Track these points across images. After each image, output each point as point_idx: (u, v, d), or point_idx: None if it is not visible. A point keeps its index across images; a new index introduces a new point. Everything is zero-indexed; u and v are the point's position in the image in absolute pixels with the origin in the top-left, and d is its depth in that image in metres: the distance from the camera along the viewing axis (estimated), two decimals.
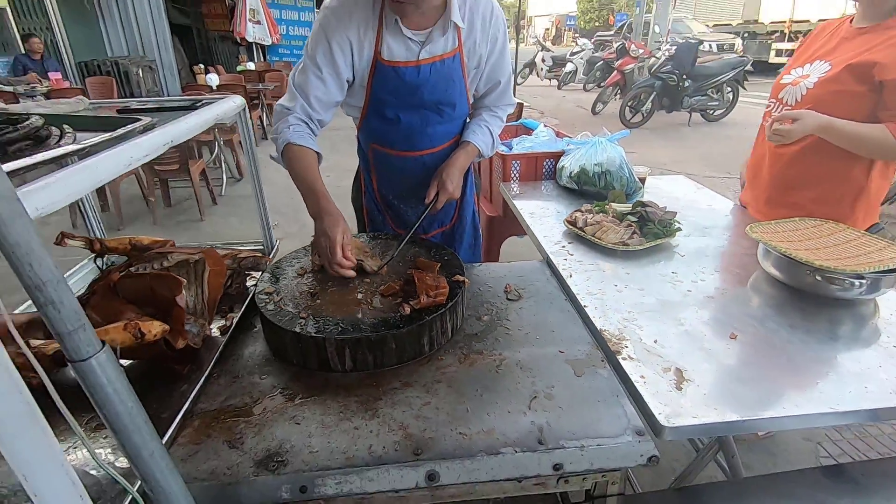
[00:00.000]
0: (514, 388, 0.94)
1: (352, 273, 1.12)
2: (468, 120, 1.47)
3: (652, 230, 1.45)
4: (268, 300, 1.08)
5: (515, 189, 2.04)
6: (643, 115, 7.92)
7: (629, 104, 7.92)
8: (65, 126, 0.79)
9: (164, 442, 0.67)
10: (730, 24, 16.69)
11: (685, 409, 0.85)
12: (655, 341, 1.03)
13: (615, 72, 9.18)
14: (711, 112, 8.18)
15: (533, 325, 1.13)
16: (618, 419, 0.86)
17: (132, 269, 0.99)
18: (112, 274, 0.96)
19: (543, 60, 13.49)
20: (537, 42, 16.15)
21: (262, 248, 1.47)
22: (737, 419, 0.84)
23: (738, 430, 0.89)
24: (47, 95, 6.00)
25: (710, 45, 12.65)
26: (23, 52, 7.01)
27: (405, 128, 1.33)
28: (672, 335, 1.05)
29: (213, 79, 6.80)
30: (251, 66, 9.40)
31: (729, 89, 8.01)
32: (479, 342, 1.08)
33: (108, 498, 0.71)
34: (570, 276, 1.31)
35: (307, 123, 1.24)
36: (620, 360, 0.98)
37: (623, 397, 0.91)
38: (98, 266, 1.35)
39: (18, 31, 7.56)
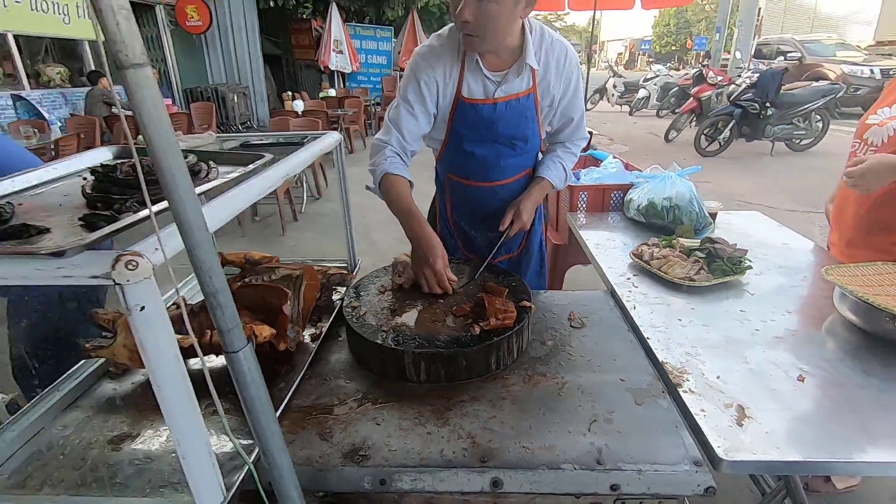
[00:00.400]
0: (574, 410, 1.00)
1: (448, 291, 1.26)
2: (542, 153, 1.58)
3: (720, 267, 1.45)
4: (353, 313, 1.21)
5: (582, 219, 2.09)
6: (720, 143, 7.62)
7: (705, 132, 7.66)
8: (210, 162, 0.98)
9: None
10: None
11: (745, 444, 0.88)
12: (718, 377, 1.06)
13: (691, 98, 8.93)
14: (798, 141, 7.72)
15: (595, 352, 1.19)
16: (676, 448, 0.90)
17: (246, 279, 1.17)
18: (231, 284, 1.14)
19: (615, 86, 13.34)
20: (609, 67, 15.99)
21: (346, 265, 1.63)
22: (800, 459, 0.85)
23: (800, 471, 0.89)
24: None
25: (870, 71, 10.90)
26: None
27: (480, 160, 1.46)
28: (736, 372, 1.07)
29: (299, 105, 7.39)
30: (332, 92, 10.08)
31: (818, 118, 7.53)
32: (543, 365, 1.15)
33: (226, 469, 0.85)
34: (634, 307, 1.35)
35: (401, 156, 1.39)
36: (681, 393, 1.01)
37: (682, 429, 0.94)
38: None
39: None
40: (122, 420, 1.02)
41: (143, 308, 0.61)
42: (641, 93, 12.37)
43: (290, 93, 8.69)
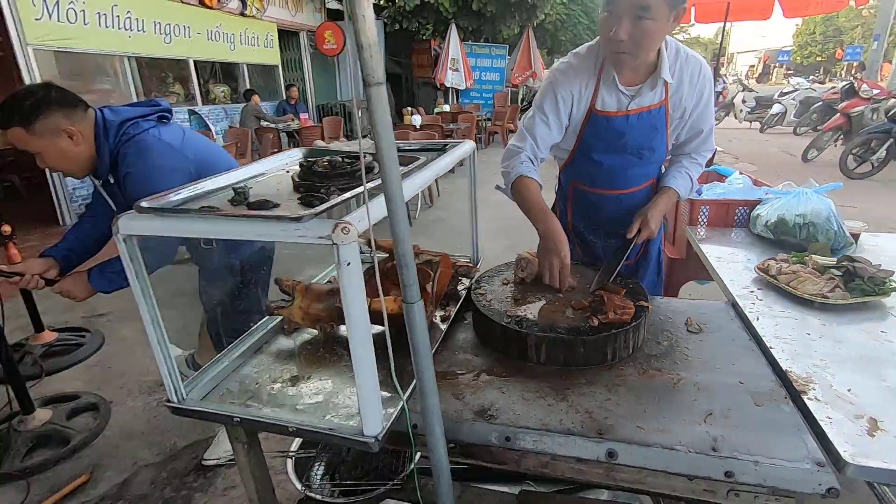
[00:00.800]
0: (690, 404, 1.05)
1: (564, 288, 1.37)
2: (667, 164, 1.63)
3: (860, 286, 1.39)
4: (481, 298, 1.37)
5: (702, 233, 2.06)
6: (873, 164, 6.74)
7: (855, 151, 6.83)
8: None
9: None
10: None
11: (875, 451, 0.88)
12: (849, 390, 1.04)
13: (838, 114, 8.00)
14: None
15: (712, 355, 1.22)
16: (796, 448, 0.92)
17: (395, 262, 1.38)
18: (383, 264, 1.36)
19: (744, 101, 12.34)
20: (737, 81, 14.80)
21: (470, 260, 1.81)
22: None
23: None
24: (298, 132, 7.65)
25: None
26: (284, 98, 9.04)
27: (607, 169, 1.55)
28: (871, 388, 1.05)
29: (417, 119, 7.91)
30: (446, 108, 10.60)
31: None
32: (658, 361, 1.21)
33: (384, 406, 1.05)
34: (758, 318, 1.34)
35: (532, 161, 1.54)
36: (806, 400, 1.02)
37: (805, 433, 0.95)
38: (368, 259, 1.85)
39: (283, 83, 9.79)
40: (294, 366, 1.27)
41: (349, 263, 0.82)
42: (776, 108, 11.31)
43: (409, 108, 9.30)
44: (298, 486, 1.50)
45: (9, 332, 2.28)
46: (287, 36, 10.28)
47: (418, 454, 1.57)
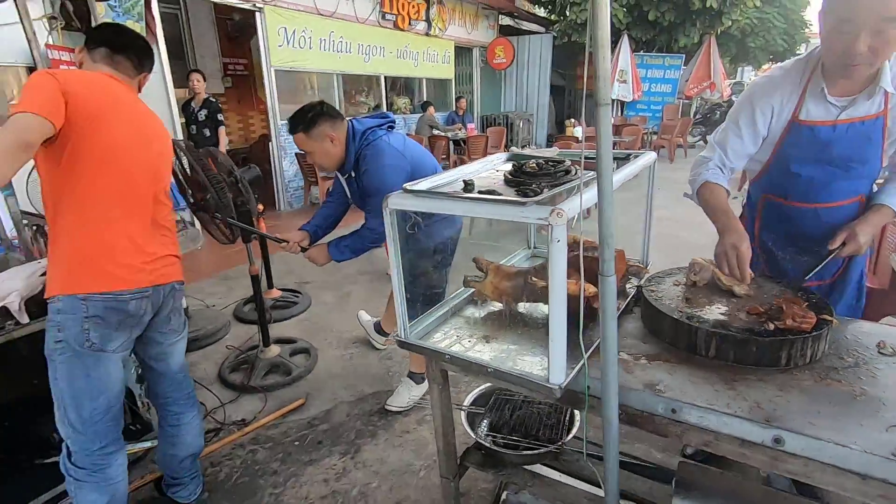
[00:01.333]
0: (872, 414, 1.06)
1: (746, 281, 1.41)
2: (880, 182, 1.55)
3: None
4: (653, 293, 1.51)
5: None
6: None
7: None
8: (575, 166, 1.42)
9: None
10: None
11: None
12: None
13: None
14: None
15: None
16: None
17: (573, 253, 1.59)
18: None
19: None
20: None
21: (640, 261, 1.93)
22: None
23: None
24: (464, 140, 8.26)
25: None
26: (454, 109, 9.80)
27: (806, 181, 1.53)
28: None
29: (579, 131, 7.96)
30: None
31: None
32: (839, 374, 1.22)
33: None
34: None
35: (721, 169, 1.61)
36: None
37: None
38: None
39: (454, 95, 10.61)
40: (484, 329, 1.56)
41: (559, 241, 1.06)
42: None
43: (571, 120, 9.36)
44: (471, 433, 1.79)
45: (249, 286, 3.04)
46: (461, 52, 11.12)
47: (576, 426, 1.76)
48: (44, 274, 1.88)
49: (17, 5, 2.45)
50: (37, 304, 1.77)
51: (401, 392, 2.53)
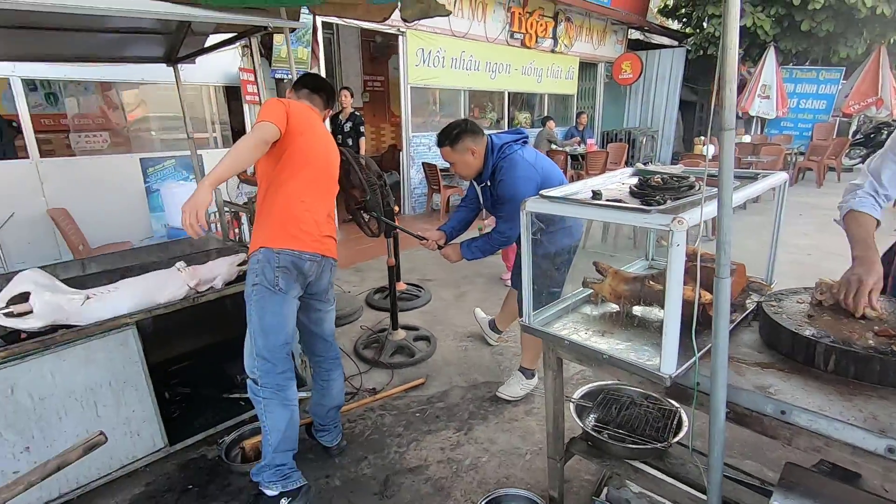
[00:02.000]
0: None
1: (857, 314, 1.43)
2: None
3: None
4: (773, 307, 1.56)
5: None
6: None
7: None
8: (699, 181, 1.55)
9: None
10: None
11: None
12: None
13: None
14: None
15: None
16: None
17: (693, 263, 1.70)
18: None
19: None
20: None
21: (763, 280, 1.95)
22: None
23: None
24: (583, 156, 8.27)
25: None
26: (574, 124, 9.82)
27: None
28: None
29: (710, 150, 7.52)
30: (746, 138, 9.63)
31: None
32: None
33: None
34: None
35: (873, 196, 1.59)
36: None
37: None
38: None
39: (576, 110, 10.61)
40: (600, 326, 1.73)
41: (678, 245, 1.22)
42: None
43: (701, 137, 8.87)
44: (579, 423, 1.96)
45: (382, 278, 3.47)
46: (585, 67, 11.10)
47: (683, 432, 1.84)
48: (241, 264, 2.45)
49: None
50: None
51: (511, 383, 2.75)
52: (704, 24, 10.77)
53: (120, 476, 2.11)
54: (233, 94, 5.77)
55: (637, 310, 1.79)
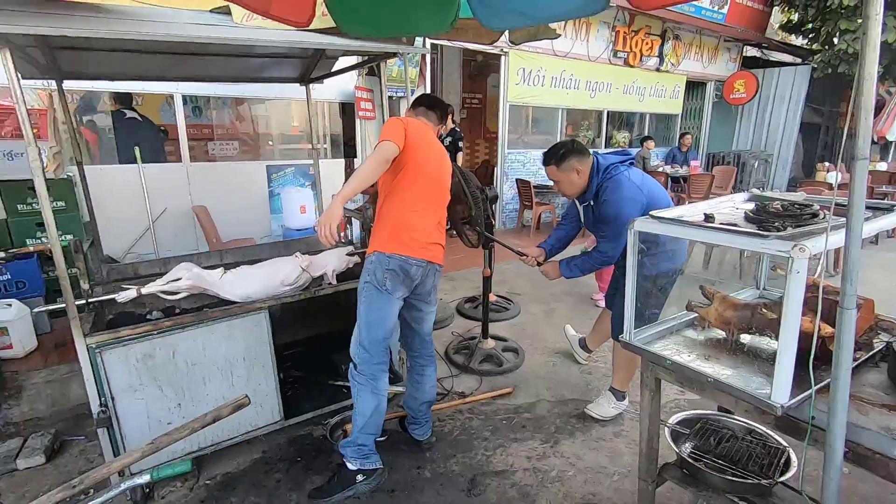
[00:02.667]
0: None
1: None
2: None
3: None
4: None
5: None
6: None
7: None
8: (825, 210, 1.50)
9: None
10: None
11: None
12: None
13: None
14: None
15: None
16: None
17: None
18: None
19: None
20: None
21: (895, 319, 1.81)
22: None
23: None
24: (685, 178, 7.89)
25: None
26: (677, 144, 9.37)
27: None
28: None
29: (834, 177, 6.84)
30: (882, 166, 8.61)
31: None
32: None
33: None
34: None
35: None
36: None
37: None
38: None
39: (679, 130, 10.15)
40: (704, 350, 1.71)
41: (798, 272, 1.21)
42: None
43: (825, 164, 8.08)
44: (675, 448, 1.93)
45: (473, 289, 3.57)
46: (692, 86, 10.58)
47: (791, 472, 1.75)
48: (350, 254, 2.71)
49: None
50: (342, 277, 2.59)
51: (601, 403, 2.73)
52: (835, 40, 9.82)
53: (243, 441, 2.42)
54: (346, 110, 6.31)
55: (745, 338, 1.74)
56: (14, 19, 1.67)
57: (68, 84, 3.07)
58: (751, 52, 11.15)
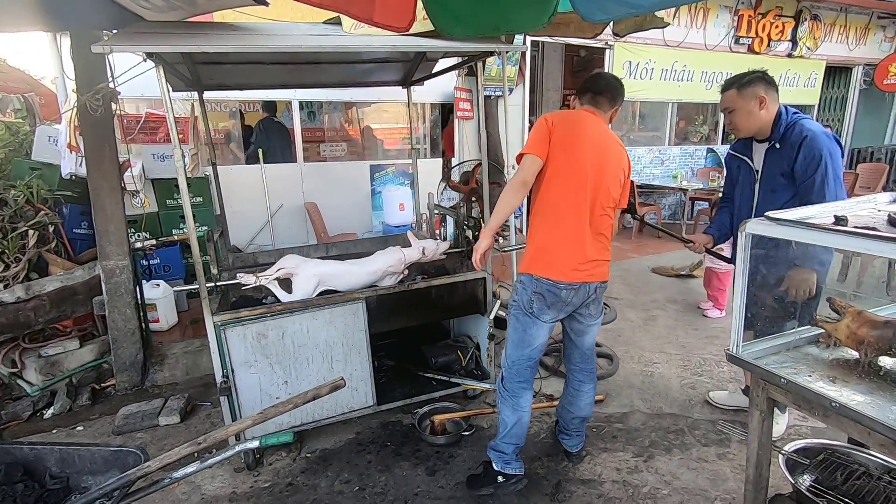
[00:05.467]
0: None
1: None
2: None
3: None
4: None
5: None
6: None
7: None
8: None
9: None
10: None
11: None
12: None
13: None
14: None
15: None
16: None
17: None
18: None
19: None
20: None
21: None
22: None
23: None
24: None
25: None
26: None
27: None
28: None
29: None
30: None
31: None
32: None
33: None
34: None
35: None
36: None
37: None
38: None
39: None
40: (829, 371, 1.50)
41: None
42: None
43: None
44: (790, 478, 1.72)
45: None
46: (833, 72, 9.26)
47: None
48: (445, 250, 2.79)
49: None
50: (432, 273, 2.64)
51: (729, 395, 2.55)
52: None
53: (340, 421, 2.60)
54: (445, 110, 6.45)
55: (885, 361, 1.51)
56: (165, 40, 1.96)
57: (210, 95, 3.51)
58: None
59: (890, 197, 1.61)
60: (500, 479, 2.17)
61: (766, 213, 1.44)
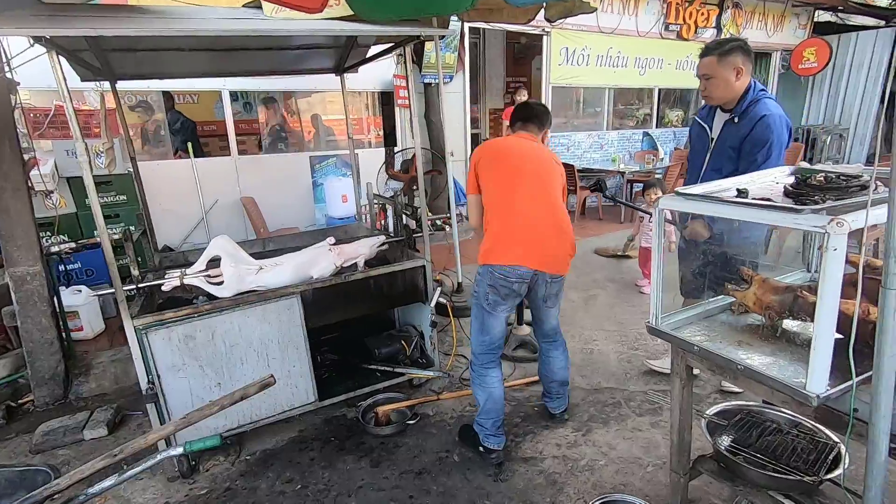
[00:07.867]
0: None
1: None
2: None
3: None
4: None
5: None
6: None
7: None
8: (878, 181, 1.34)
9: None
10: None
11: None
12: None
13: None
14: None
15: None
16: None
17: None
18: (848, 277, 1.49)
19: None
20: None
21: None
22: None
23: None
24: None
25: None
26: None
27: None
28: None
29: None
30: None
31: None
32: None
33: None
34: None
35: None
36: None
37: None
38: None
39: None
40: (738, 336, 1.59)
41: (836, 249, 1.09)
42: None
43: None
44: (710, 440, 1.82)
45: None
46: (755, 58, 9.82)
47: (839, 470, 1.62)
48: (381, 245, 2.76)
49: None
50: (372, 263, 2.70)
51: (666, 360, 2.65)
52: None
53: (280, 420, 2.52)
54: (386, 99, 6.35)
55: (787, 324, 1.61)
56: (56, 23, 1.80)
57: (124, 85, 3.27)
58: (824, 16, 10.19)
59: (788, 169, 1.71)
60: (481, 448, 2.31)
61: (676, 189, 1.49)
